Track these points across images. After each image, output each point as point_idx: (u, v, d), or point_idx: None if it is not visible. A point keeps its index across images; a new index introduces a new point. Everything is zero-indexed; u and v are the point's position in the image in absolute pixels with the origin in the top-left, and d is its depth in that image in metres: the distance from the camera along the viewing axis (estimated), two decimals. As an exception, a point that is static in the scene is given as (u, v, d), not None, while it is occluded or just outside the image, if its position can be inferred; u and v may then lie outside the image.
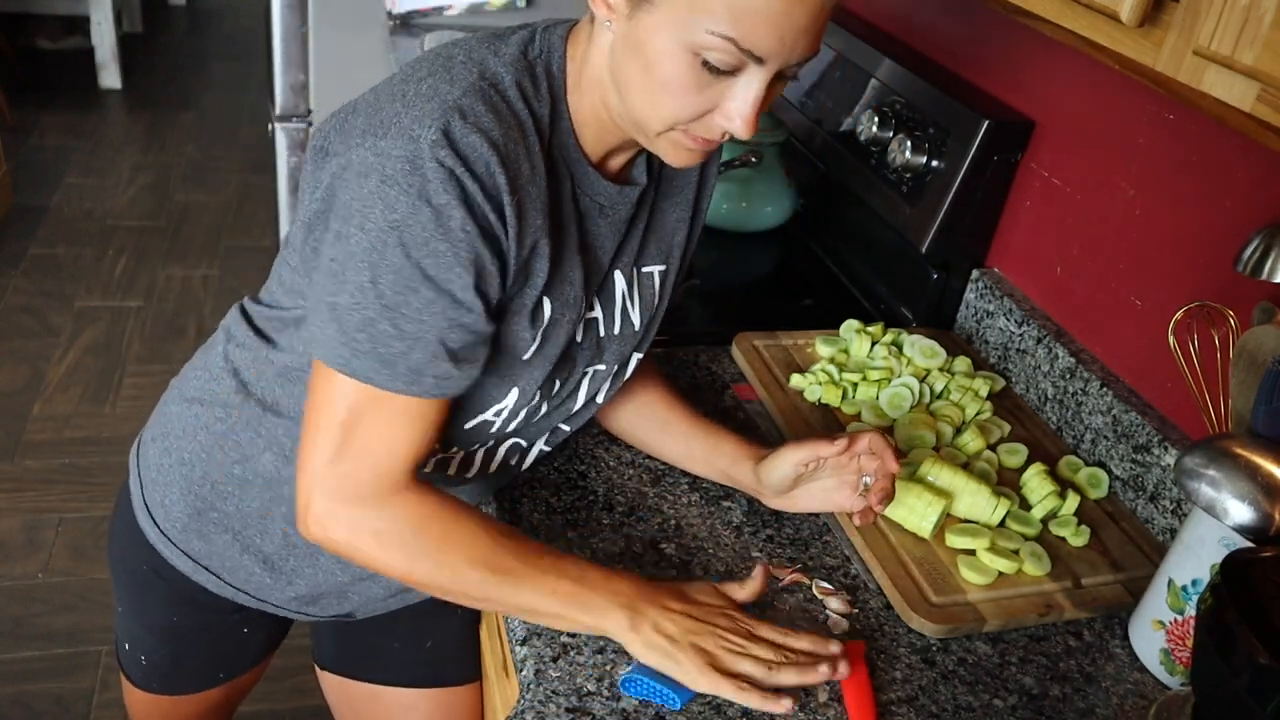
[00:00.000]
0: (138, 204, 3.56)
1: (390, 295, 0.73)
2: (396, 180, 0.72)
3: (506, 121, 0.76)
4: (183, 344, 2.86)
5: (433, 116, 0.72)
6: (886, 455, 0.95)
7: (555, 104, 0.82)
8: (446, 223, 0.72)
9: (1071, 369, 1.22)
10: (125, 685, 1.14)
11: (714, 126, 0.77)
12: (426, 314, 0.74)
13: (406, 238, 0.72)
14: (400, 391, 0.76)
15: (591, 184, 0.86)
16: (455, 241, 0.73)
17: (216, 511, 0.96)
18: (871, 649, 0.91)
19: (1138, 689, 0.93)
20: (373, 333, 0.74)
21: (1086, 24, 0.74)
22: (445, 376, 0.77)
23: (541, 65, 0.81)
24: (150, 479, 1.00)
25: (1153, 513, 1.11)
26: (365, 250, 0.73)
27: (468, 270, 0.74)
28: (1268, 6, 0.58)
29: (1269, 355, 0.88)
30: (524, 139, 0.77)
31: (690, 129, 0.77)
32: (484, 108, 0.74)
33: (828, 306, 1.51)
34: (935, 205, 1.36)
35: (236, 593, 1.00)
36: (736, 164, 1.57)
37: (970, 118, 1.31)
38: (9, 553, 2.14)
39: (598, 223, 0.88)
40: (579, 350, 0.92)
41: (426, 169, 0.71)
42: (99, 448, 2.45)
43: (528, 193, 0.77)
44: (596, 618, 0.83)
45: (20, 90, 4.16)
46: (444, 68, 0.77)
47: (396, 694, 1.13)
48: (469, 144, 0.72)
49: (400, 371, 0.75)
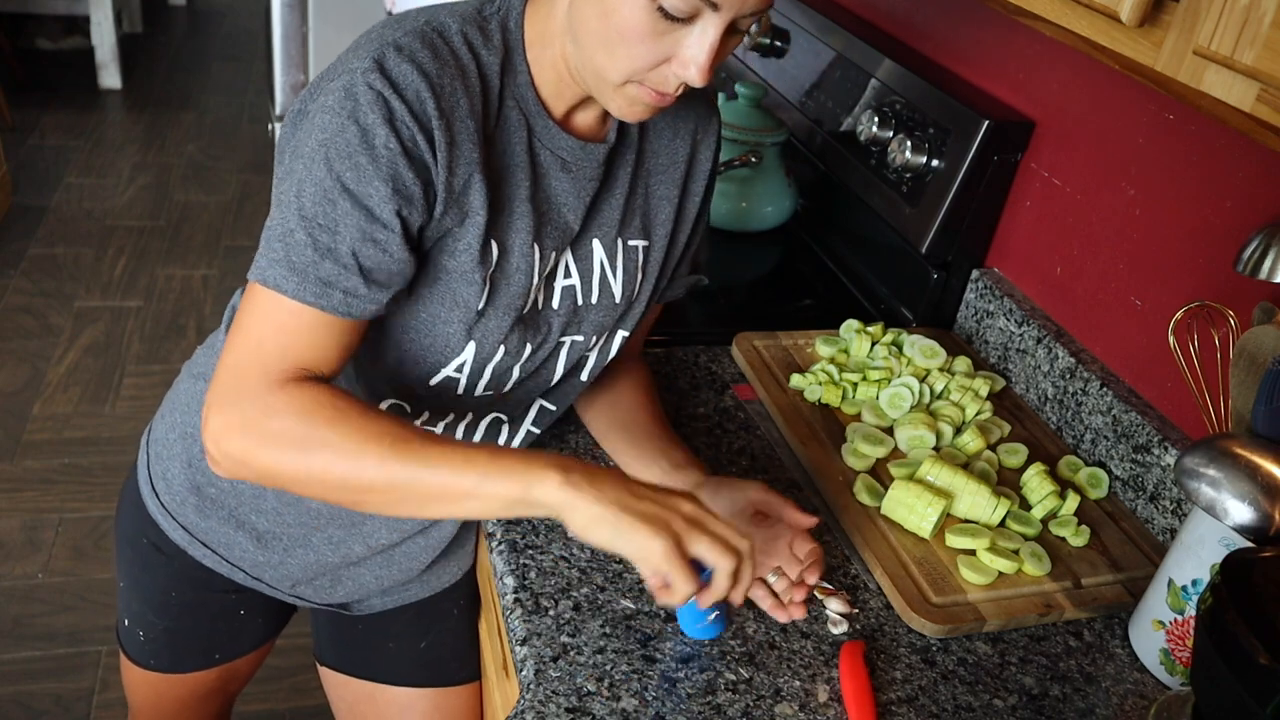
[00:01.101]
0: (137, 204, 3.56)
1: (310, 206, 0.75)
2: (332, 107, 0.75)
3: (444, 59, 0.78)
4: (183, 344, 2.86)
5: (370, 51, 0.76)
6: (812, 569, 0.91)
7: (509, 55, 0.83)
8: (370, 139, 0.75)
9: (1071, 369, 1.22)
10: (123, 661, 1.16)
11: (669, 78, 0.78)
12: (342, 226, 0.75)
13: (332, 153, 0.75)
14: (309, 303, 0.76)
15: (552, 137, 0.86)
16: (377, 157, 0.75)
17: (214, 488, 1.00)
18: (871, 649, 0.91)
19: (1138, 689, 0.93)
20: (289, 242, 0.75)
21: (1086, 24, 0.74)
22: (354, 293, 0.77)
23: (497, 20, 0.84)
24: (156, 453, 1.05)
25: (1153, 513, 1.11)
26: (298, 172, 0.76)
27: (385, 185, 0.75)
28: (1268, 6, 0.58)
29: (1269, 355, 0.88)
30: (463, 77, 0.79)
31: (646, 80, 0.78)
32: (420, 45, 0.77)
33: (828, 306, 1.51)
34: (935, 205, 1.36)
35: (233, 569, 1.03)
36: (736, 164, 1.57)
37: (970, 118, 1.31)
38: (9, 553, 2.14)
39: (560, 177, 0.88)
40: (553, 315, 0.92)
41: (358, 92, 0.75)
42: (99, 448, 2.45)
43: (464, 125, 0.79)
44: (523, 484, 0.72)
45: (20, 90, 4.16)
46: (396, 21, 0.81)
47: (394, 693, 1.13)
48: (400, 71, 0.75)
49: (310, 281, 0.75)
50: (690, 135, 0.99)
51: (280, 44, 2.37)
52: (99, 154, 3.86)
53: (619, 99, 0.81)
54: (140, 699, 1.19)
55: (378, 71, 0.75)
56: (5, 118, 3.90)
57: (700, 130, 0.99)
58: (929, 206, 1.37)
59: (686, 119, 0.98)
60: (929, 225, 1.36)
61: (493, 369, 0.91)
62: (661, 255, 0.99)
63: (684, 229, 1.01)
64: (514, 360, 0.92)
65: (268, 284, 0.76)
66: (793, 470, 1.13)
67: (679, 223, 1.00)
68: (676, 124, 0.98)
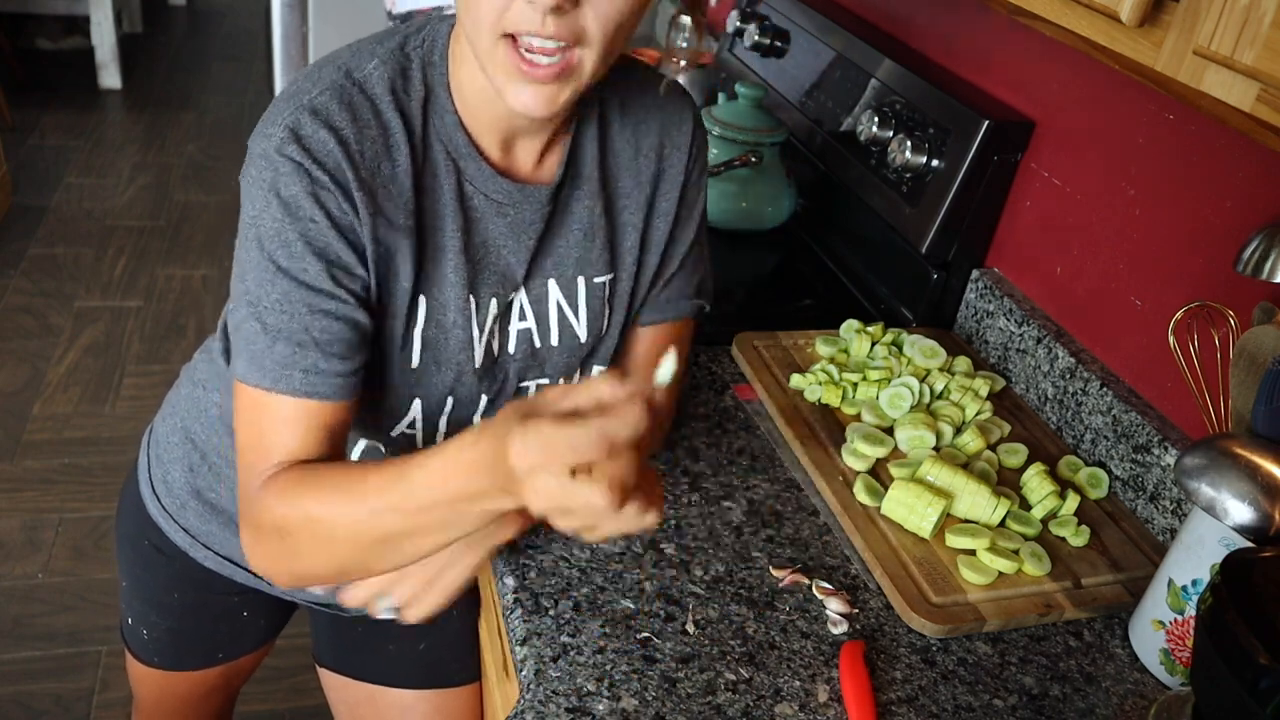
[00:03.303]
0: (137, 204, 3.56)
1: (254, 290, 0.74)
2: (254, 177, 0.74)
3: (363, 119, 0.76)
4: (183, 344, 2.86)
5: (284, 115, 0.74)
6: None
7: (432, 92, 0.80)
8: (296, 213, 0.73)
9: (1071, 369, 1.22)
10: (128, 657, 1.17)
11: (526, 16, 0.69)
12: (285, 305, 0.74)
13: (261, 232, 0.74)
14: (271, 389, 0.75)
15: (484, 179, 0.82)
16: (305, 232, 0.73)
17: (214, 493, 1.00)
18: (871, 649, 0.91)
19: (1138, 689, 0.93)
20: (245, 331, 0.75)
21: (1086, 24, 0.74)
22: (314, 370, 0.75)
23: (420, 56, 0.80)
24: (156, 455, 1.05)
25: (1153, 513, 1.11)
26: (239, 257, 0.75)
27: (318, 260, 0.74)
28: (1268, 6, 0.58)
29: (1269, 355, 0.88)
30: (385, 134, 0.77)
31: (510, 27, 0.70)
32: (338, 105, 0.75)
33: (828, 306, 1.51)
34: (935, 205, 1.36)
35: (235, 570, 1.04)
36: (736, 164, 1.57)
37: (970, 118, 1.31)
38: (9, 553, 2.14)
39: (495, 221, 0.84)
40: (509, 361, 0.89)
41: (277, 163, 0.73)
42: (99, 448, 2.45)
43: (386, 187, 0.77)
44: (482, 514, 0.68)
45: (20, 90, 4.15)
46: (318, 67, 0.79)
47: (393, 695, 1.13)
48: (318, 139, 0.73)
49: (267, 368, 0.74)
50: (655, 150, 0.92)
51: (280, 44, 2.37)
52: (99, 154, 3.86)
53: (499, 73, 0.73)
54: (145, 693, 1.20)
55: (294, 142, 0.73)
56: (5, 118, 3.90)
57: (668, 142, 0.93)
58: (929, 206, 1.37)
59: (648, 132, 0.92)
60: (929, 225, 1.36)
61: (447, 421, 0.89)
62: (630, 284, 0.94)
63: (651, 253, 0.95)
64: (471, 410, 0.89)
65: (239, 379, 0.76)
66: (793, 470, 1.13)
67: (645, 248, 0.94)
68: (638, 141, 0.92)
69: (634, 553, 0.98)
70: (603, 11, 0.70)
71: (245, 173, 0.76)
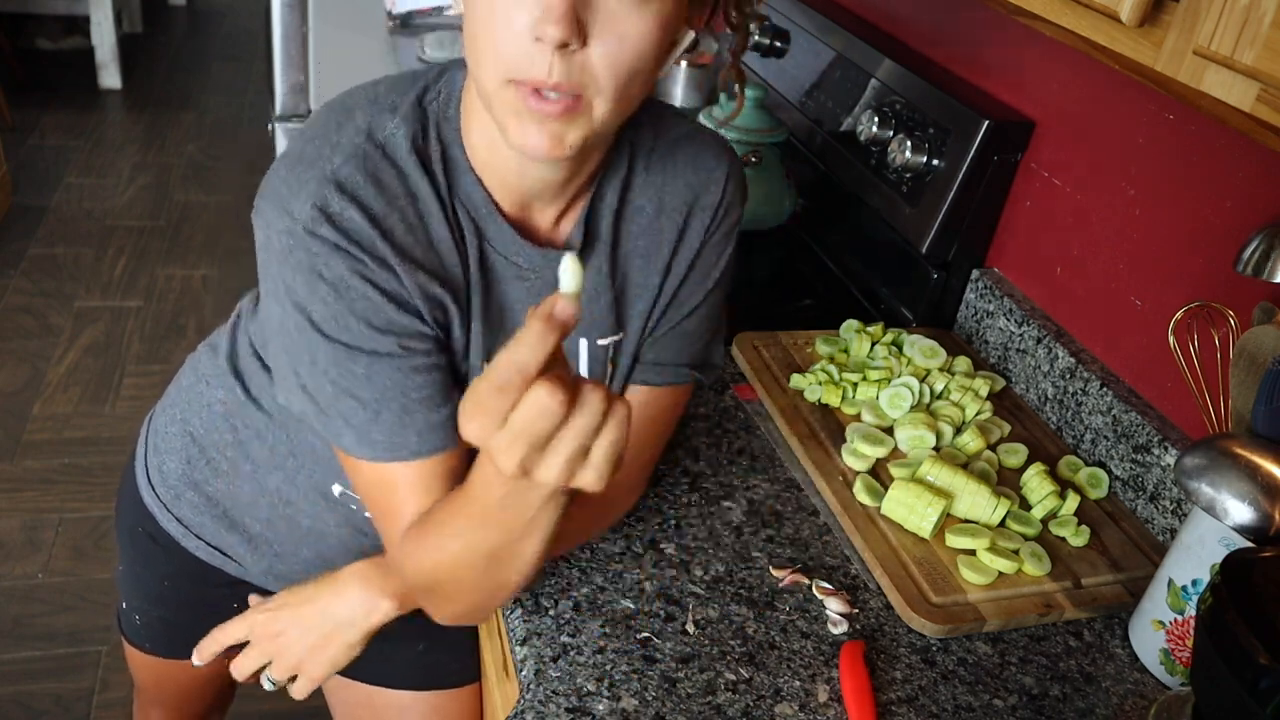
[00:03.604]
0: (137, 204, 3.56)
1: (334, 372, 0.73)
2: (287, 258, 0.71)
3: (390, 189, 0.72)
4: (183, 344, 2.86)
5: (309, 188, 0.70)
6: None
7: (448, 150, 0.76)
8: (346, 294, 0.71)
9: (1071, 369, 1.22)
10: (124, 642, 1.19)
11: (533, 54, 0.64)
12: (373, 377, 0.73)
13: (317, 318, 0.71)
14: (390, 461, 0.75)
15: (506, 242, 0.78)
16: (362, 312, 0.71)
17: (210, 486, 1.01)
18: (871, 649, 0.91)
19: (1138, 689, 0.93)
20: (340, 409, 0.74)
21: (1086, 24, 0.74)
22: (425, 430, 0.75)
23: (437, 109, 0.76)
24: (154, 445, 1.06)
25: (1153, 513, 1.11)
26: (294, 332, 0.73)
27: (385, 334, 0.72)
28: (1268, 6, 0.58)
29: (1269, 355, 0.88)
30: (413, 201, 0.73)
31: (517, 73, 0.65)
32: (363, 177, 0.71)
33: (828, 306, 1.51)
34: (935, 205, 1.36)
35: (225, 561, 1.04)
36: (736, 164, 1.57)
37: (970, 118, 1.31)
38: (9, 553, 2.14)
39: (514, 285, 0.81)
40: None
41: (310, 244, 0.70)
42: (99, 448, 2.45)
43: (423, 254, 0.74)
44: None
45: (20, 90, 4.15)
46: (336, 125, 0.74)
47: (390, 695, 1.13)
48: (347, 218, 0.70)
49: (379, 441, 0.74)
50: (682, 209, 0.85)
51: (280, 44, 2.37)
52: (99, 154, 3.86)
53: (506, 113, 0.68)
54: (143, 677, 1.22)
55: (326, 222, 0.70)
56: (5, 118, 3.89)
57: (696, 202, 0.86)
58: (929, 206, 1.37)
59: (676, 190, 0.85)
60: (929, 225, 1.36)
61: None
62: (635, 346, 0.90)
63: (659, 313, 0.89)
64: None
65: (350, 454, 0.76)
66: (793, 470, 1.13)
67: (654, 308, 0.89)
68: (663, 198, 0.85)
69: (634, 553, 0.98)
70: (613, 53, 0.65)
71: (273, 248, 0.72)
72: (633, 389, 0.92)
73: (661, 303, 0.89)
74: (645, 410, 0.92)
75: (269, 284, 0.74)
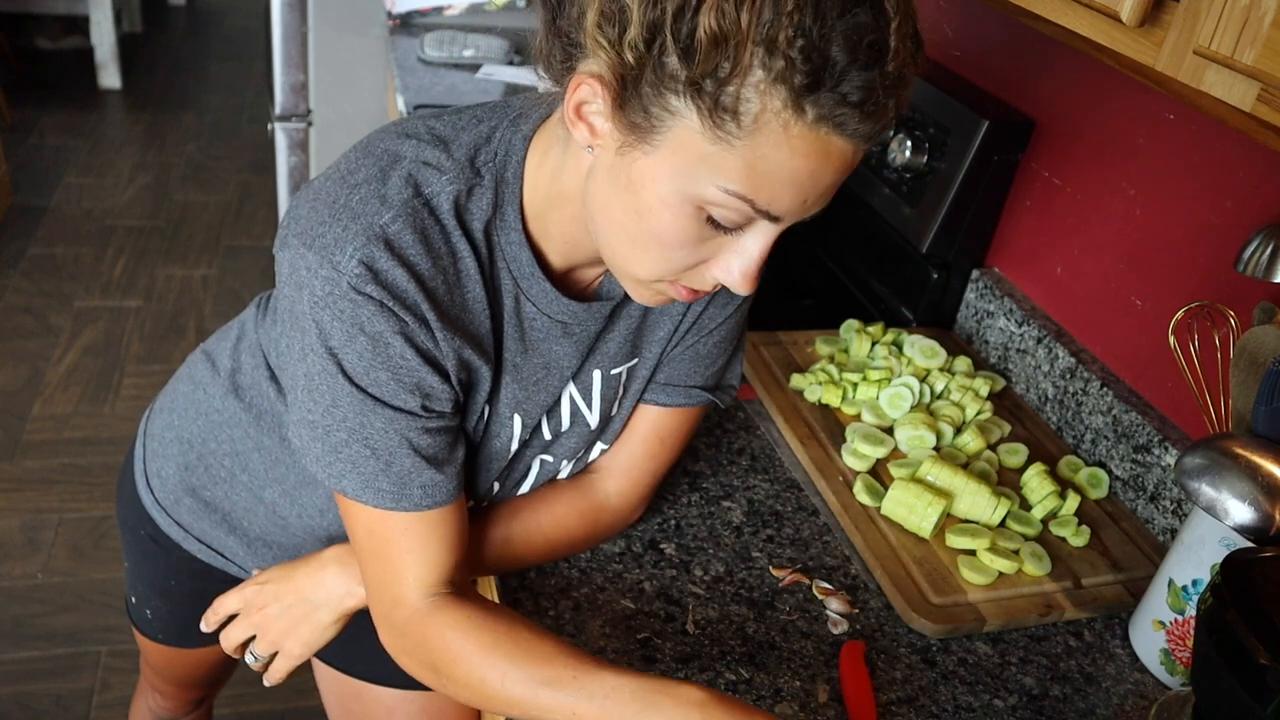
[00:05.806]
0: (137, 204, 3.56)
1: (353, 419, 0.73)
2: (327, 305, 0.70)
3: (436, 248, 0.72)
4: (182, 344, 2.86)
5: (357, 244, 0.69)
6: None
7: (500, 210, 0.75)
8: (384, 350, 0.71)
9: (1071, 369, 1.22)
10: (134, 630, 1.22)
11: (706, 278, 0.70)
12: (391, 430, 0.74)
13: (348, 366, 0.72)
14: (394, 510, 0.76)
15: (549, 301, 0.79)
16: (396, 371, 0.72)
17: (208, 492, 1.01)
18: (871, 649, 0.91)
19: (1138, 689, 0.93)
20: (349, 454, 0.75)
21: (1087, 24, 0.74)
22: (430, 485, 0.76)
23: (492, 173, 0.75)
24: (152, 449, 1.06)
25: (1153, 513, 1.11)
26: (319, 373, 0.73)
27: (413, 394, 0.74)
28: (1268, 6, 0.58)
29: (1269, 355, 0.88)
30: (455, 262, 0.73)
31: (679, 279, 0.70)
32: (411, 236, 0.70)
33: (828, 306, 1.51)
34: (935, 205, 1.36)
35: (226, 563, 1.05)
36: (736, 164, 1.57)
37: (970, 118, 1.31)
38: (9, 553, 2.13)
39: (561, 342, 0.82)
40: (525, 449, 0.89)
41: (356, 300, 0.69)
42: (99, 448, 2.45)
43: (462, 316, 0.75)
44: None
45: (20, 90, 4.15)
46: (381, 176, 0.72)
47: (380, 693, 1.13)
48: (394, 277, 0.70)
49: (385, 489, 0.75)
50: None
51: (280, 44, 2.37)
52: (99, 154, 3.86)
53: (643, 291, 0.72)
54: (153, 660, 1.25)
55: (373, 280, 0.69)
56: (5, 118, 3.90)
57: None
58: (929, 206, 1.37)
59: None
60: (929, 225, 1.36)
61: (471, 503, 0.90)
62: (649, 371, 0.90)
63: (679, 337, 0.90)
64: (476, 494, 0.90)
65: (349, 495, 0.76)
66: (793, 470, 1.13)
67: (675, 334, 0.90)
68: None
69: (634, 553, 0.98)
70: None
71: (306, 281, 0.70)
72: (642, 408, 0.93)
73: (683, 329, 0.89)
74: (652, 430, 0.93)
75: (298, 320, 0.74)
